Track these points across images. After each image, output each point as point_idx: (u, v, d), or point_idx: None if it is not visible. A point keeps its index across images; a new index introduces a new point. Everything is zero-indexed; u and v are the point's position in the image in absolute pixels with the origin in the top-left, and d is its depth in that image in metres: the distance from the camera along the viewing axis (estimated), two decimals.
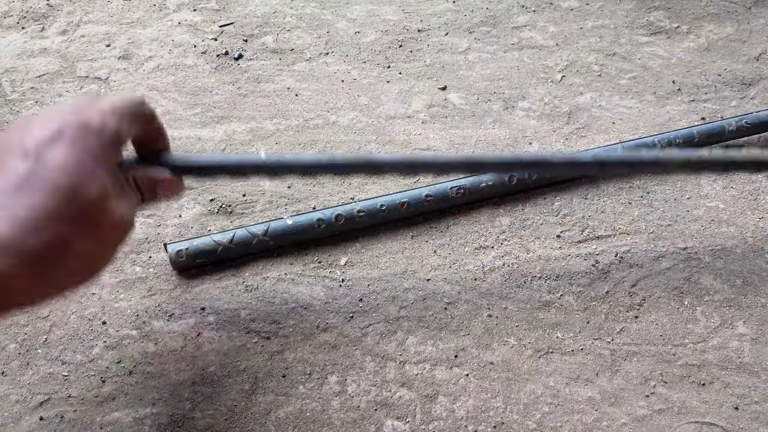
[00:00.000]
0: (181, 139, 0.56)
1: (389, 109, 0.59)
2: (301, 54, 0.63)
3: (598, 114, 0.60)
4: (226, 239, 0.47)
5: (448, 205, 0.51)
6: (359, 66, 0.62)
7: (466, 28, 0.67)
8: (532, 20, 0.68)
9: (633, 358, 0.45)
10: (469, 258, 0.49)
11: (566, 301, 0.47)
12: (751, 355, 0.45)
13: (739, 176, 0.55)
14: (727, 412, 0.43)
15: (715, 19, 0.69)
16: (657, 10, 0.69)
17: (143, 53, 0.62)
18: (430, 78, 0.62)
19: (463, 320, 0.46)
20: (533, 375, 0.44)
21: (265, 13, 0.66)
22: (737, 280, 0.49)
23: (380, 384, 0.43)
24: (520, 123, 0.59)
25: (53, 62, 0.60)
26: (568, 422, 0.42)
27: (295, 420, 0.41)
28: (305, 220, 0.49)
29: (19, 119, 0.32)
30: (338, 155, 0.38)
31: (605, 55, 0.65)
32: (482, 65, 0.63)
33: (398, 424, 0.41)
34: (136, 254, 0.48)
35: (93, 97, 0.32)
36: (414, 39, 0.65)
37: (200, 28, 0.65)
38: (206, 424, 0.41)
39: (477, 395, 0.43)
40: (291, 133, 0.57)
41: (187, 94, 0.59)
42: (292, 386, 0.42)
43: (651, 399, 0.43)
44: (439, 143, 0.56)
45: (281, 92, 0.60)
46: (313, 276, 0.48)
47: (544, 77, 0.63)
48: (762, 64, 0.64)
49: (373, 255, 0.49)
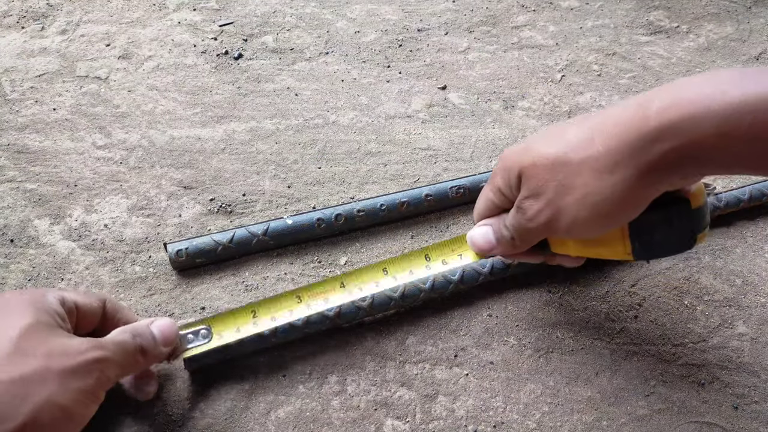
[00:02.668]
0: (181, 138, 0.56)
1: (389, 108, 0.59)
2: (300, 53, 0.63)
3: None
4: (226, 239, 0.47)
5: (448, 204, 0.51)
6: (359, 65, 0.62)
7: (465, 28, 0.67)
8: (532, 20, 0.68)
9: (633, 358, 0.45)
10: None
11: (566, 301, 0.47)
12: (750, 355, 0.45)
13: (739, 176, 0.55)
14: (726, 411, 0.43)
15: (715, 18, 0.69)
16: (657, 9, 0.69)
17: (143, 53, 0.62)
18: (429, 77, 0.62)
19: (463, 320, 0.46)
20: (533, 374, 0.44)
21: (265, 13, 0.66)
22: (737, 280, 0.49)
23: (380, 384, 0.43)
24: (520, 122, 0.59)
25: (53, 62, 0.60)
26: (568, 422, 0.42)
27: (295, 420, 0.41)
28: (305, 220, 0.49)
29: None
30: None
31: (605, 55, 0.65)
32: (482, 65, 0.63)
33: (398, 424, 0.41)
34: (136, 254, 0.48)
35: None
36: (414, 38, 0.65)
37: (200, 27, 0.65)
38: (206, 424, 0.41)
39: (477, 395, 0.43)
40: (291, 132, 0.57)
41: (186, 93, 0.59)
42: (292, 386, 0.42)
43: (651, 399, 0.43)
44: (438, 143, 0.56)
45: (281, 92, 0.60)
46: (313, 276, 0.48)
47: (544, 77, 0.62)
48: (762, 64, 0.64)
49: (373, 255, 0.49)
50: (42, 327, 0.32)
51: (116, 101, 0.58)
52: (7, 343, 0.30)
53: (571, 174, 0.33)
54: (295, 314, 0.41)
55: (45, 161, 0.53)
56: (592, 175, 0.32)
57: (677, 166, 0.30)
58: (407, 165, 0.55)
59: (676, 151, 0.30)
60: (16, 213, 0.50)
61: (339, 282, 0.42)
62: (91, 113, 0.57)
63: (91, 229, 0.50)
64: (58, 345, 0.31)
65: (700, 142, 0.29)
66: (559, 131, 0.35)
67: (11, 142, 0.54)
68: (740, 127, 0.27)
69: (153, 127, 0.56)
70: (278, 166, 0.54)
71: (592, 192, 0.33)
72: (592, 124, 0.33)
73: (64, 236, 0.49)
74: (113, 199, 0.51)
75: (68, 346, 0.32)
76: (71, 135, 0.55)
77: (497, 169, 0.39)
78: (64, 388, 0.30)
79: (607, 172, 0.32)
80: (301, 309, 0.41)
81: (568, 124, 0.36)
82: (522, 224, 0.37)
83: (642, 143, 0.30)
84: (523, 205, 0.36)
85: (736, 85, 0.28)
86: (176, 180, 0.53)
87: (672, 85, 0.31)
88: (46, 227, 0.49)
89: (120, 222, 0.50)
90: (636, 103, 0.31)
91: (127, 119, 0.57)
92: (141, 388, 0.39)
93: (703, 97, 0.28)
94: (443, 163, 0.55)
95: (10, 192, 0.51)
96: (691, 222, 0.36)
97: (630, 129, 0.31)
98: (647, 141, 0.30)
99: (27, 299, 0.33)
